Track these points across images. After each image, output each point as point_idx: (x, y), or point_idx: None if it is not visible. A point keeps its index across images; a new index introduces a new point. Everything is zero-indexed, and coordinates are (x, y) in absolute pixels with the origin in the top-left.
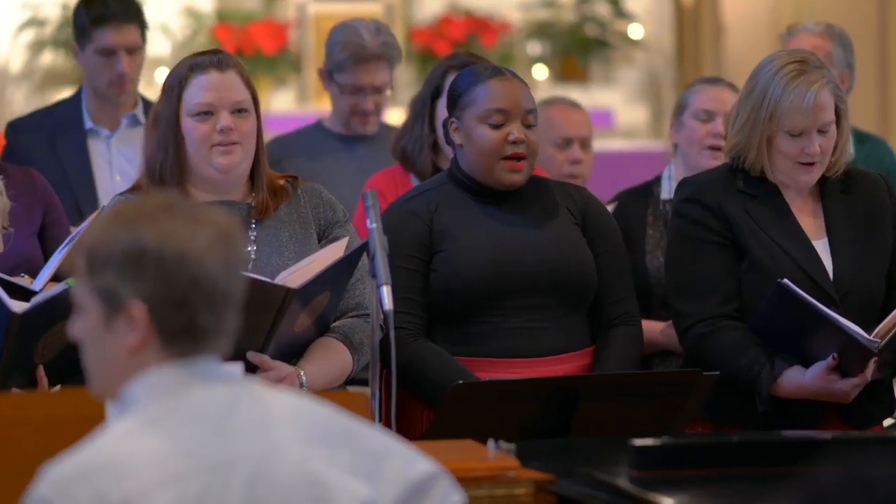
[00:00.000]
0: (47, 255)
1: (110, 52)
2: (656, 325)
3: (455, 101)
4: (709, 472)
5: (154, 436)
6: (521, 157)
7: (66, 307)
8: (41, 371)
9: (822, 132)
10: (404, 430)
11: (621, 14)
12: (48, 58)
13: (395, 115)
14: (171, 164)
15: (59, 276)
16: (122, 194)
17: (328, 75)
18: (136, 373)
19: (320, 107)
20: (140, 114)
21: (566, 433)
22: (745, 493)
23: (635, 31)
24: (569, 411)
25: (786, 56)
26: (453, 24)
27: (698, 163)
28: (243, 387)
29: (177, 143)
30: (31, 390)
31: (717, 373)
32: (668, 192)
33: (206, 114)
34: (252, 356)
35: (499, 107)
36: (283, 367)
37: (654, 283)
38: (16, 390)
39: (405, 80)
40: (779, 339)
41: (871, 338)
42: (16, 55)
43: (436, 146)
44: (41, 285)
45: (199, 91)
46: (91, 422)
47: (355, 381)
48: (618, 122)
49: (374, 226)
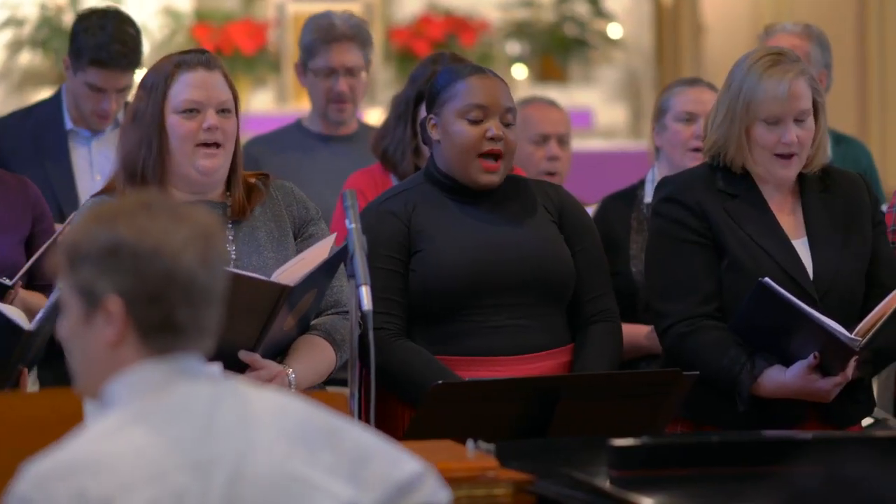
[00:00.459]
0: None
1: (100, 90)
2: (641, 329)
3: (434, 98)
4: (689, 472)
5: (135, 434)
6: (498, 156)
7: None
8: (25, 374)
9: (798, 121)
10: (385, 431)
11: (600, 14)
12: (26, 58)
13: (375, 116)
14: (153, 161)
15: (34, 277)
16: (97, 195)
17: (303, 67)
18: (118, 370)
19: (299, 107)
20: (120, 115)
21: (545, 433)
22: (725, 493)
23: (614, 31)
24: (548, 411)
25: (762, 50)
26: (433, 24)
27: (683, 165)
28: (226, 385)
29: (160, 140)
30: (11, 391)
31: (697, 373)
32: (651, 195)
33: (193, 111)
34: (243, 355)
35: (478, 102)
36: (273, 366)
37: (639, 287)
38: None
39: (384, 80)
40: (760, 338)
41: (852, 336)
42: None
43: (418, 149)
44: (13, 283)
45: (187, 88)
46: (70, 422)
47: (334, 382)
48: (597, 122)
49: (353, 226)
